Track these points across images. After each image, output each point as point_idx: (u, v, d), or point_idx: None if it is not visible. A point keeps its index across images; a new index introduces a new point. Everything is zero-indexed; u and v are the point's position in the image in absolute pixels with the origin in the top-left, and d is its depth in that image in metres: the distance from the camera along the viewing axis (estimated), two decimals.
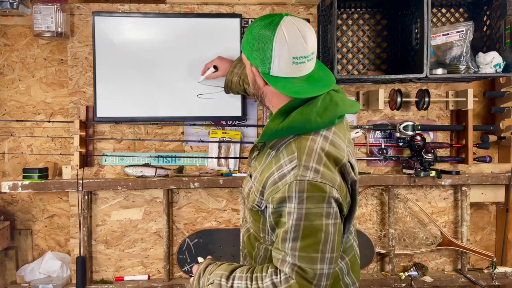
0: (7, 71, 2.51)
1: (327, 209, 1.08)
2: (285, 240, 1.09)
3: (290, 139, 1.14)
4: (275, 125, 1.13)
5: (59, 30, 2.26)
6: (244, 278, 1.15)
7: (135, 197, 2.44)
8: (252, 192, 1.23)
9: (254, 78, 1.21)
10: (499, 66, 2.15)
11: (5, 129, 2.50)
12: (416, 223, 2.53)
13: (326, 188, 1.08)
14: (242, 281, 1.15)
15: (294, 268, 1.08)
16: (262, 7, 2.44)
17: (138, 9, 2.38)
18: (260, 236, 1.27)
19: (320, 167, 1.09)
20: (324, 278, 1.08)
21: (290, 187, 1.07)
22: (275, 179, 1.11)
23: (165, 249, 2.41)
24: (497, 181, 2.47)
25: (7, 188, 2.26)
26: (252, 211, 1.24)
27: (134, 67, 2.35)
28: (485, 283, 2.44)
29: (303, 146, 1.11)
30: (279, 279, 1.10)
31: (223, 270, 1.19)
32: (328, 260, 1.09)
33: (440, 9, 2.46)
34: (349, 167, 1.17)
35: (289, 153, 1.12)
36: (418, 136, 2.37)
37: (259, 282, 1.12)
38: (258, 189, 1.18)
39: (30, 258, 2.56)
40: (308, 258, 1.07)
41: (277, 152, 1.16)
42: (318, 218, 1.07)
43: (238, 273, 1.18)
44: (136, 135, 2.43)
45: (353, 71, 2.47)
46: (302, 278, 1.07)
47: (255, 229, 1.29)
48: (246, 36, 1.20)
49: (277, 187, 1.10)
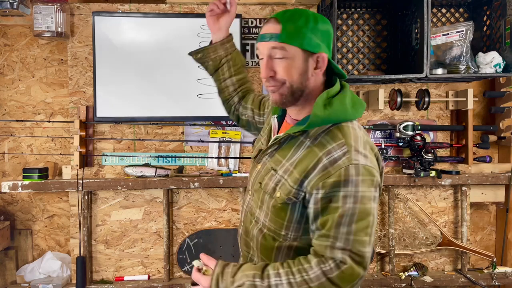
0: (7, 71, 2.51)
1: (374, 193, 1.11)
2: (340, 225, 1.07)
3: (330, 127, 1.15)
4: (322, 113, 1.13)
5: (59, 30, 2.26)
6: (283, 274, 1.08)
7: (135, 197, 2.44)
8: (283, 185, 1.16)
9: (304, 69, 1.15)
10: (499, 66, 2.15)
11: (5, 129, 2.50)
12: (416, 223, 2.53)
13: (375, 173, 1.12)
14: (281, 277, 1.08)
15: (346, 252, 1.07)
16: (262, 7, 2.44)
17: (138, 9, 2.38)
18: (280, 234, 1.20)
19: (367, 153, 1.13)
20: (369, 261, 1.10)
21: (346, 171, 1.07)
22: (324, 164, 1.09)
23: (165, 249, 2.41)
24: (497, 181, 2.47)
25: (7, 188, 2.26)
26: (277, 207, 1.18)
27: (134, 67, 2.35)
28: (485, 283, 2.44)
29: (348, 133, 1.13)
30: (329, 266, 1.06)
31: (252, 270, 1.11)
32: (372, 244, 1.11)
33: (440, 9, 2.46)
34: (379, 156, 1.22)
35: (336, 139, 1.12)
36: (418, 136, 2.37)
37: (304, 274, 1.07)
38: (296, 179, 1.13)
39: (30, 258, 2.56)
40: (360, 241, 1.07)
41: (315, 140, 1.15)
42: (369, 202, 1.09)
43: (271, 270, 1.10)
44: (136, 135, 2.43)
45: (353, 71, 2.47)
46: (355, 262, 1.06)
47: (276, 227, 1.21)
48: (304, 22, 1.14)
49: (328, 172, 1.08)
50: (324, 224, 1.09)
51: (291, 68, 1.14)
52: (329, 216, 1.09)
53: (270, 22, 1.17)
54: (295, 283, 1.07)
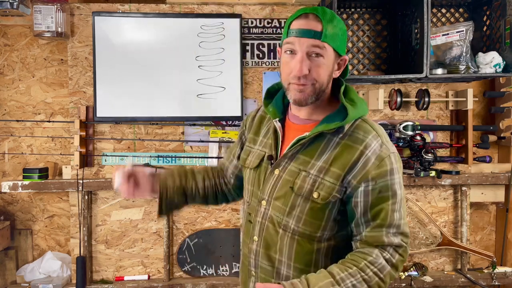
0: (7, 71, 2.51)
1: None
2: (393, 212, 1.12)
3: (356, 122, 1.17)
4: (355, 108, 1.16)
5: (59, 30, 2.27)
6: (355, 273, 1.07)
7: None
8: (321, 185, 1.13)
9: (332, 70, 1.16)
10: (499, 66, 2.15)
11: (5, 129, 2.50)
12: (416, 223, 2.53)
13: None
14: (355, 277, 1.06)
15: (399, 236, 1.13)
16: (262, 7, 2.44)
17: (138, 9, 2.38)
18: (315, 236, 1.17)
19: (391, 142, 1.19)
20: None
21: (389, 160, 1.12)
22: (368, 157, 1.11)
23: (165, 249, 2.41)
24: (497, 181, 2.47)
25: (7, 188, 2.26)
26: (315, 209, 1.15)
27: (134, 67, 2.35)
28: (485, 283, 2.44)
29: (374, 125, 1.18)
30: (389, 253, 1.11)
31: (324, 279, 1.06)
32: None
33: (440, 9, 2.46)
34: None
35: (369, 132, 1.15)
36: (418, 136, 2.37)
37: (372, 268, 1.08)
38: (338, 175, 1.12)
39: (30, 258, 2.56)
40: (406, 223, 1.15)
41: (346, 136, 1.15)
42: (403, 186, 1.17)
43: (342, 273, 1.07)
44: (136, 135, 2.43)
45: (353, 71, 2.47)
46: (406, 242, 1.14)
47: (311, 230, 1.17)
48: (337, 24, 1.13)
49: (374, 163, 1.11)
50: (377, 215, 1.12)
51: (325, 69, 1.13)
52: (382, 206, 1.11)
53: (310, 18, 1.11)
54: (368, 278, 1.07)
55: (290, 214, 1.18)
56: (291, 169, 1.18)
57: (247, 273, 1.29)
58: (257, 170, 1.26)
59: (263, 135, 1.30)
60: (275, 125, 1.24)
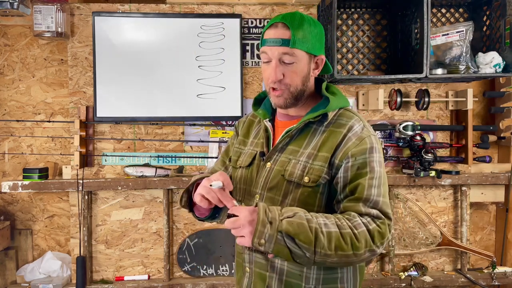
0: (7, 71, 2.51)
1: None
2: (371, 187, 1.15)
3: (339, 111, 1.26)
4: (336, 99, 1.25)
5: (59, 30, 2.27)
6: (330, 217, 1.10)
7: (135, 197, 2.44)
8: (310, 169, 1.19)
9: (307, 71, 1.22)
10: (498, 66, 2.16)
11: (5, 129, 2.50)
12: (416, 223, 2.53)
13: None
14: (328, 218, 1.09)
15: (377, 211, 1.14)
16: (262, 7, 2.44)
17: (138, 9, 2.38)
18: None
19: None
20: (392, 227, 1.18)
21: (370, 140, 1.19)
22: (349, 137, 1.19)
23: (165, 249, 2.41)
24: (497, 181, 2.47)
25: (7, 188, 2.26)
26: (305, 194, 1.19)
27: (134, 67, 2.35)
28: (485, 283, 2.44)
29: (356, 112, 1.28)
30: (367, 219, 1.12)
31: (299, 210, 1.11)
32: None
33: (440, 9, 2.46)
34: None
35: (351, 117, 1.24)
36: (418, 136, 2.37)
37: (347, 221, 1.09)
38: (325, 158, 1.19)
39: (30, 258, 2.56)
40: (386, 203, 1.17)
41: (330, 124, 1.23)
42: (384, 168, 1.22)
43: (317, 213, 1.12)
44: (136, 135, 2.43)
45: (353, 71, 2.47)
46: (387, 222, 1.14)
47: None
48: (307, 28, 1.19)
49: (354, 142, 1.18)
50: (354, 189, 1.15)
51: (298, 72, 1.21)
52: (360, 181, 1.15)
53: (279, 27, 1.19)
54: (341, 225, 1.09)
55: (283, 203, 1.22)
56: (281, 160, 1.24)
57: (242, 270, 1.31)
58: (249, 168, 1.31)
59: (254, 137, 1.36)
60: (265, 124, 1.31)
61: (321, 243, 1.05)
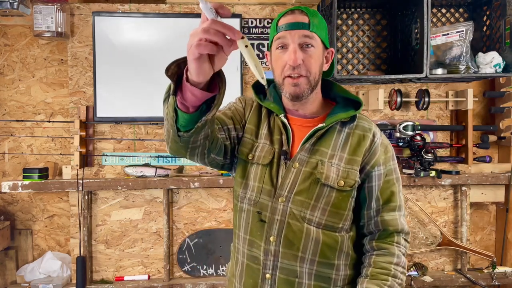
0: (7, 71, 2.51)
1: None
2: (399, 192, 1.26)
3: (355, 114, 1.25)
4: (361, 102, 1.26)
5: (59, 30, 2.27)
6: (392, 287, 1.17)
7: (135, 197, 2.44)
8: (344, 173, 1.17)
9: (322, 62, 1.21)
10: (499, 66, 2.16)
11: (5, 129, 2.50)
12: (416, 223, 2.53)
13: None
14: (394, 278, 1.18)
15: (407, 228, 1.26)
16: (262, 7, 2.44)
17: (138, 9, 2.38)
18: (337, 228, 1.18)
19: None
20: None
21: (390, 147, 1.26)
22: (377, 143, 1.23)
23: (165, 249, 2.41)
24: (497, 181, 2.47)
25: (7, 188, 2.26)
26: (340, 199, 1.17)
27: (134, 67, 2.35)
28: (485, 283, 2.44)
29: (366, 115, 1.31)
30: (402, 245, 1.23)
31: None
32: None
33: (440, 9, 2.46)
34: None
35: (369, 122, 1.27)
36: (418, 136, 2.37)
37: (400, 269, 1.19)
38: (358, 162, 1.20)
39: (30, 258, 2.56)
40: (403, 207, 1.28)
41: (352, 126, 1.24)
42: None
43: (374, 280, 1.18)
44: (136, 135, 2.43)
45: (353, 71, 2.47)
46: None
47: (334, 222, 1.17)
48: (321, 18, 1.21)
49: (382, 150, 1.23)
50: (390, 197, 1.23)
51: (316, 59, 1.18)
52: (392, 189, 1.23)
53: (297, 13, 1.17)
54: (401, 282, 1.19)
55: (315, 207, 1.16)
56: (311, 162, 1.18)
57: (258, 276, 1.20)
58: (267, 167, 1.20)
59: (266, 130, 1.25)
60: (283, 120, 1.22)
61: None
